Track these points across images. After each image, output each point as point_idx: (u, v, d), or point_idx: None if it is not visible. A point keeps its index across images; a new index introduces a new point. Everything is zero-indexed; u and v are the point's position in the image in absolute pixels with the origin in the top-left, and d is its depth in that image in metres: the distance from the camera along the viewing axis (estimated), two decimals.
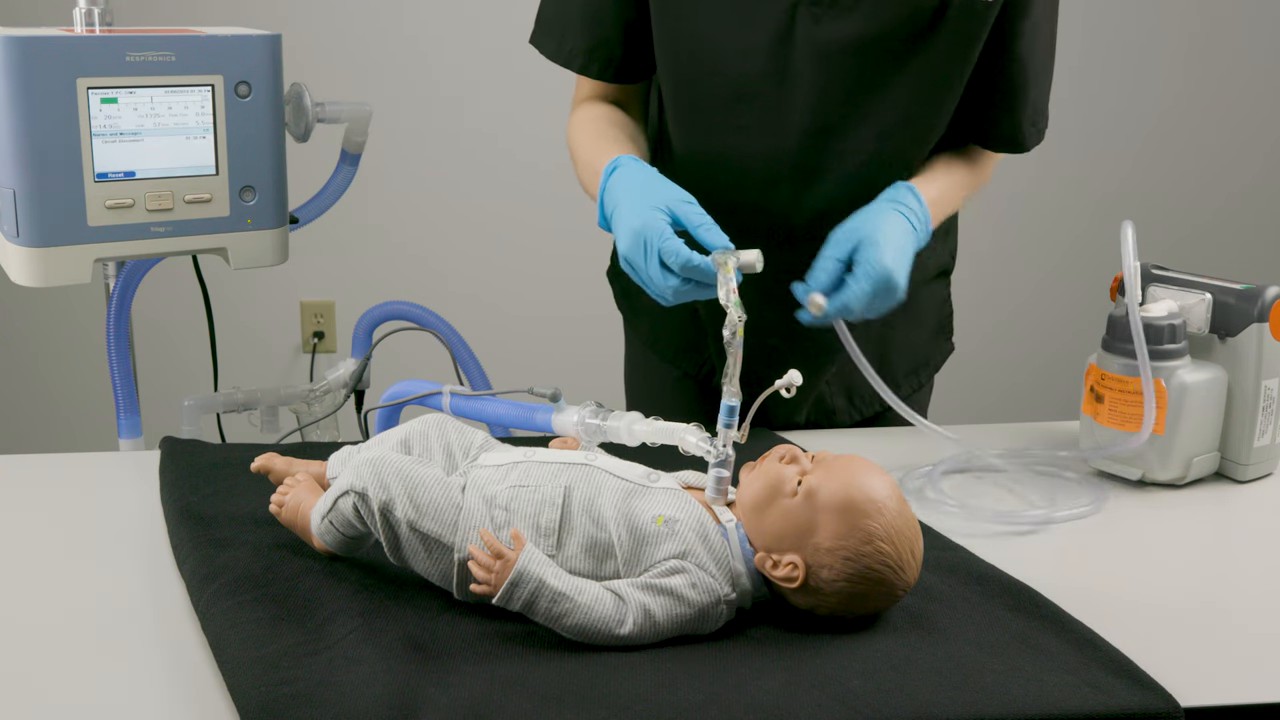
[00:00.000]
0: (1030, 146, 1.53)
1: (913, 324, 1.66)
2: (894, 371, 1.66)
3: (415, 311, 1.86)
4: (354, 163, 1.89)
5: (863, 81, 1.41)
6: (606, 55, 1.51)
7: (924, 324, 1.69)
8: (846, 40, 1.39)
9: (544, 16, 1.55)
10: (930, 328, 1.71)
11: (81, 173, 1.55)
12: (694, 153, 1.51)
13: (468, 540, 1.03)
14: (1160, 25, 3.61)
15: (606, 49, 1.50)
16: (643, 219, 1.27)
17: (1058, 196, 3.67)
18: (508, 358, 2.85)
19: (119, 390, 1.77)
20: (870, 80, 1.41)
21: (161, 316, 2.78)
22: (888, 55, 1.40)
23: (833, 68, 1.40)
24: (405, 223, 3.38)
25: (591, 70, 1.52)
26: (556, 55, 1.53)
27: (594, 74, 1.52)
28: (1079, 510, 1.33)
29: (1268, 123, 3.73)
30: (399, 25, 3.29)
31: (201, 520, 1.20)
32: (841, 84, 1.41)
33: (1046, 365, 3.72)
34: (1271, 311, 1.40)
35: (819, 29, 1.39)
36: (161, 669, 0.99)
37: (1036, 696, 0.94)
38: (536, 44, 1.56)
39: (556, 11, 1.53)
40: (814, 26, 1.39)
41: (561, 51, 1.53)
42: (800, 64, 1.41)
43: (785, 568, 1.02)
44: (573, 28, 1.51)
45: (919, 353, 1.70)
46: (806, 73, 1.41)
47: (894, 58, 1.40)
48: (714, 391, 1.65)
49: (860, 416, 1.68)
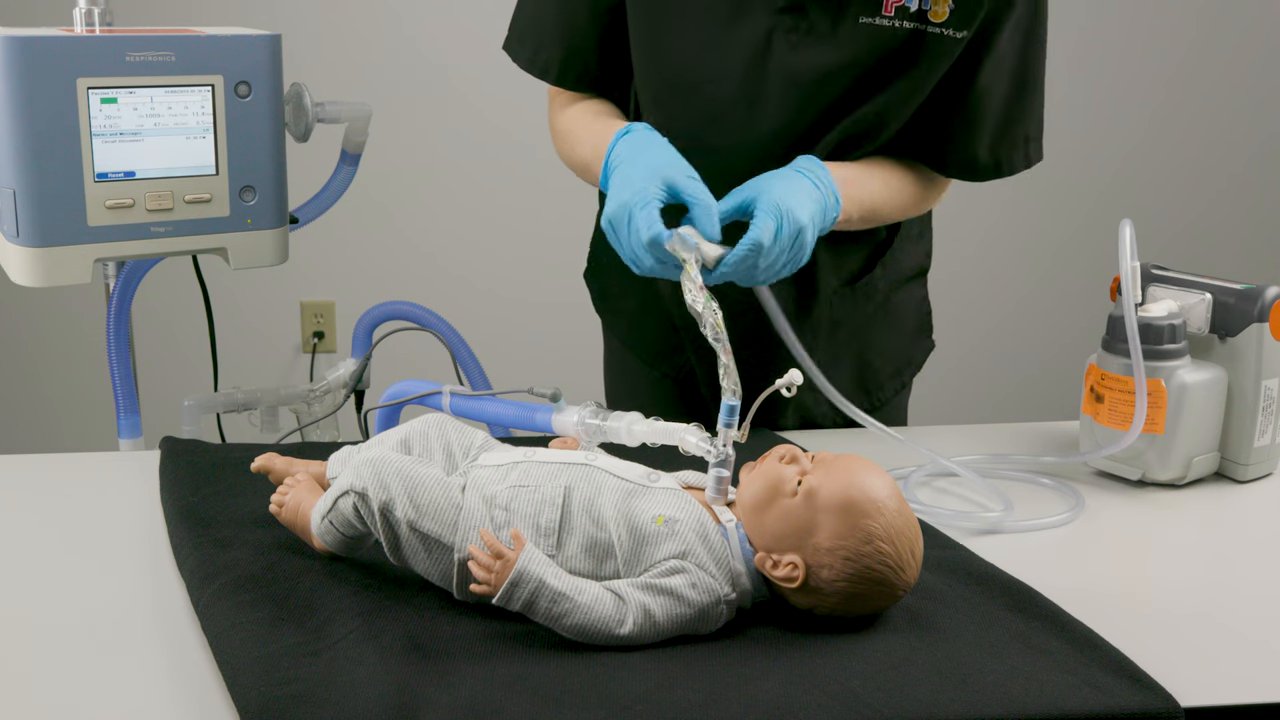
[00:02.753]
0: (986, 178, 1.52)
1: (892, 326, 1.67)
2: (877, 374, 1.67)
3: (415, 311, 1.86)
4: (354, 163, 1.89)
5: (832, 107, 1.42)
6: (581, 66, 1.50)
7: (904, 325, 1.70)
8: (820, 68, 1.40)
9: (518, 25, 1.54)
10: (910, 328, 1.72)
11: (81, 173, 1.55)
12: None
13: (468, 540, 1.03)
14: (1161, 25, 3.61)
15: (581, 60, 1.50)
16: (637, 185, 1.26)
17: (1058, 197, 3.67)
18: (508, 358, 2.85)
19: (119, 390, 1.77)
20: (839, 107, 1.43)
21: (161, 316, 2.78)
22: (858, 83, 1.41)
23: (804, 94, 1.41)
24: (405, 223, 3.38)
25: (567, 81, 1.52)
26: (531, 65, 1.53)
27: (569, 85, 1.52)
28: (1050, 520, 1.31)
29: (1268, 122, 3.73)
30: (399, 25, 3.29)
31: (201, 520, 1.20)
32: (812, 109, 1.42)
33: (1047, 365, 3.72)
34: (1271, 311, 1.40)
35: (794, 56, 1.40)
36: (161, 669, 0.99)
37: (1036, 696, 0.94)
38: (510, 52, 1.54)
39: (531, 21, 1.52)
40: (789, 53, 1.40)
41: (537, 62, 1.52)
42: (773, 89, 1.42)
43: (785, 568, 1.02)
44: (548, 38, 1.50)
45: (901, 354, 1.71)
46: (778, 98, 1.42)
47: (863, 85, 1.41)
48: (693, 392, 1.65)
49: (844, 419, 1.68)
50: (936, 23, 1.38)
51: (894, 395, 1.70)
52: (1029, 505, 1.35)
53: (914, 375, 1.74)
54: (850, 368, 1.64)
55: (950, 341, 3.68)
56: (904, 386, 1.72)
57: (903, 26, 1.38)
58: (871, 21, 1.38)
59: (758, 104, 1.43)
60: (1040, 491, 1.41)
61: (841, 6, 1.38)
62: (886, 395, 1.69)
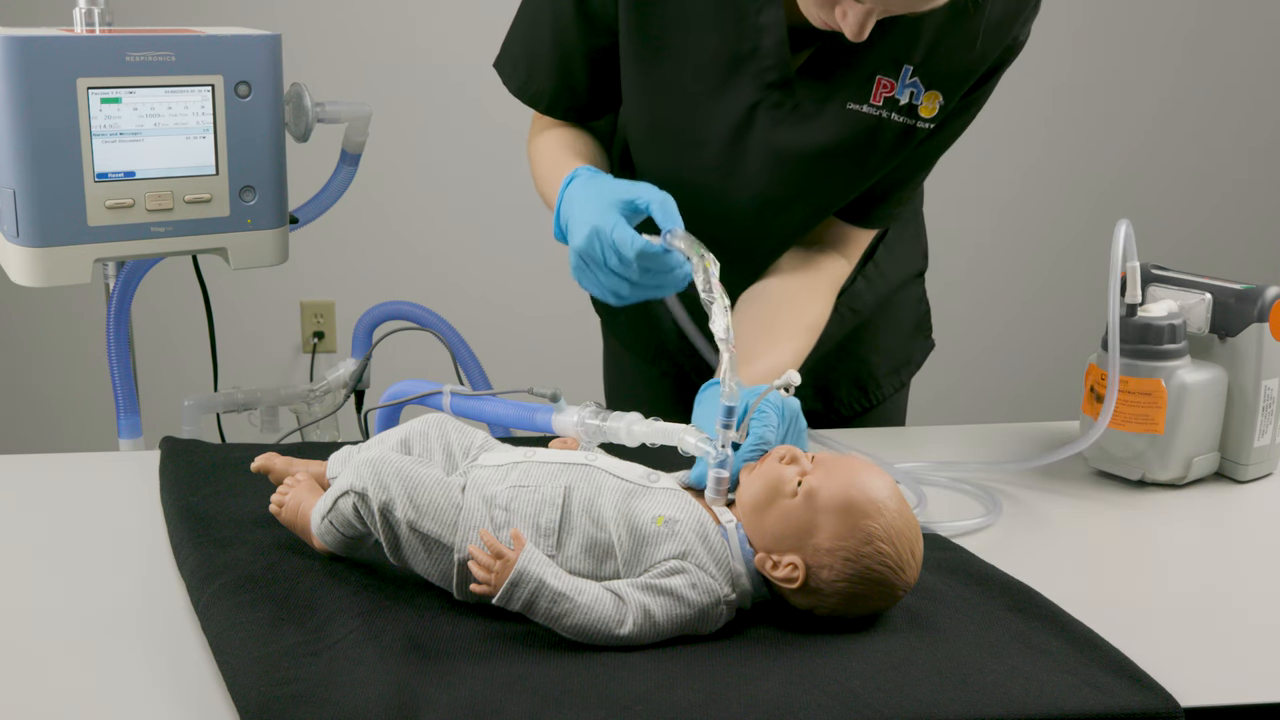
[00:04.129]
0: (875, 227, 1.53)
1: (891, 326, 1.68)
2: (875, 372, 1.68)
3: (415, 311, 1.86)
4: (354, 163, 1.89)
5: (808, 183, 1.43)
6: (571, 99, 1.49)
7: (902, 325, 1.71)
8: (800, 148, 1.40)
9: (511, 51, 1.52)
10: (908, 328, 1.73)
11: (81, 173, 1.55)
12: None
13: (468, 540, 1.03)
14: (1161, 26, 3.61)
15: (572, 95, 1.49)
16: (598, 214, 1.24)
17: (1059, 197, 3.67)
18: (508, 358, 2.85)
19: (119, 390, 1.77)
20: (815, 183, 1.43)
21: (161, 316, 2.78)
22: (836, 163, 1.42)
23: (783, 171, 1.42)
24: (405, 223, 3.38)
25: (556, 112, 1.51)
26: (522, 93, 1.51)
27: (558, 115, 1.51)
28: (966, 524, 1.29)
29: (1268, 122, 3.73)
30: (399, 25, 3.29)
31: (201, 520, 1.20)
32: (789, 185, 1.43)
33: (1047, 365, 3.72)
34: (1271, 311, 1.40)
35: (776, 132, 1.40)
36: (161, 669, 0.99)
37: (1036, 696, 0.94)
38: (501, 74, 1.53)
39: (524, 50, 1.50)
40: (771, 129, 1.40)
41: (527, 90, 1.50)
42: (752, 162, 1.42)
43: (785, 568, 1.02)
44: (540, 70, 1.49)
45: (899, 353, 1.72)
46: (756, 170, 1.42)
47: (841, 165, 1.42)
48: (693, 391, 1.65)
49: (846, 413, 1.69)
50: (925, 118, 1.39)
51: (893, 394, 1.71)
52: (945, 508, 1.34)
53: (913, 374, 1.74)
54: (848, 367, 1.64)
55: (951, 342, 3.68)
56: (903, 385, 1.73)
57: (890, 119, 1.38)
58: (858, 109, 1.38)
59: (736, 175, 1.44)
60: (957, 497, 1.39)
61: (829, 89, 1.38)
62: (885, 394, 1.69)
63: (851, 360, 1.65)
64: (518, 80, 1.52)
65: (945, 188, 3.62)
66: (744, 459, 1.10)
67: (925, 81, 1.36)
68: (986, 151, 3.53)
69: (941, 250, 1.70)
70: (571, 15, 1.42)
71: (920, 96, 1.37)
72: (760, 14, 1.35)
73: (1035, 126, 3.58)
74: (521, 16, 1.50)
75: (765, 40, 1.36)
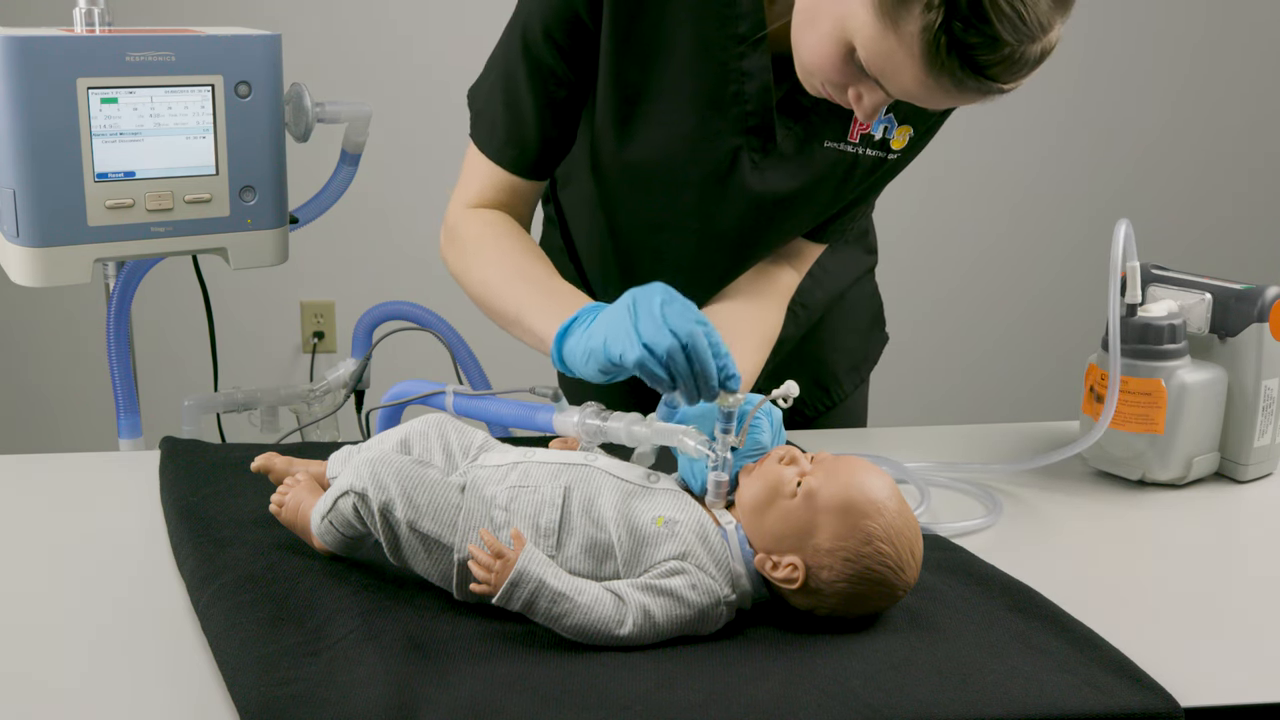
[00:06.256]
0: (828, 242, 1.55)
1: (847, 324, 1.71)
2: (835, 370, 1.71)
3: (415, 311, 1.86)
4: (354, 163, 1.89)
5: (785, 221, 1.46)
6: (525, 159, 1.46)
7: (858, 322, 1.73)
8: (780, 190, 1.41)
9: (475, 105, 1.52)
10: (864, 325, 1.75)
11: (81, 173, 1.55)
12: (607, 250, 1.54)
13: (467, 540, 1.03)
14: (1163, 25, 3.61)
15: (525, 157, 1.46)
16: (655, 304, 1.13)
17: (1059, 198, 3.67)
18: (507, 358, 2.84)
19: (119, 390, 1.77)
20: (791, 220, 1.46)
21: (161, 316, 2.78)
22: (813, 201, 1.44)
23: (763, 214, 1.43)
24: (405, 223, 3.38)
25: (521, 172, 1.47)
26: (487, 149, 1.49)
27: (524, 176, 1.47)
28: (968, 525, 1.29)
29: (1269, 123, 3.73)
30: (399, 25, 3.29)
31: (201, 520, 1.20)
32: (766, 224, 1.45)
33: (1047, 365, 3.72)
34: (1271, 311, 1.40)
35: (755, 176, 1.41)
36: (161, 669, 0.99)
37: (1036, 696, 0.94)
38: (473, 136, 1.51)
39: (485, 106, 1.49)
40: (751, 172, 1.41)
41: (490, 147, 1.48)
42: (731, 205, 1.43)
43: (785, 569, 1.02)
44: (500, 132, 1.46)
45: (857, 350, 1.74)
46: (734, 212, 1.43)
47: (817, 201, 1.44)
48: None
49: (810, 414, 1.70)
50: (896, 150, 1.42)
51: (853, 390, 1.72)
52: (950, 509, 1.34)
53: (871, 370, 1.77)
54: (807, 368, 1.65)
55: (952, 342, 3.70)
56: (862, 381, 1.75)
57: (865, 154, 1.41)
58: (837, 147, 1.40)
59: (714, 217, 1.44)
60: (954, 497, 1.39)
61: (809, 130, 1.39)
62: (846, 391, 1.72)
63: (810, 361, 1.67)
64: (483, 136, 1.50)
65: (946, 189, 3.64)
66: (741, 462, 1.10)
67: (899, 117, 1.40)
68: (987, 153, 3.53)
69: (941, 250, 1.70)
70: (524, 70, 1.39)
71: (894, 130, 1.40)
72: (744, 59, 1.35)
73: (1036, 128, 3.58)
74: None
75: (748, 85, 1.36)
